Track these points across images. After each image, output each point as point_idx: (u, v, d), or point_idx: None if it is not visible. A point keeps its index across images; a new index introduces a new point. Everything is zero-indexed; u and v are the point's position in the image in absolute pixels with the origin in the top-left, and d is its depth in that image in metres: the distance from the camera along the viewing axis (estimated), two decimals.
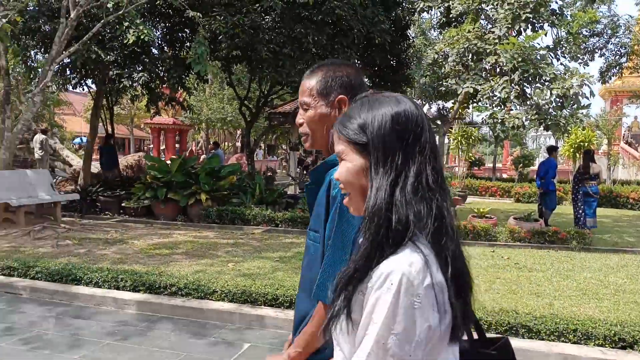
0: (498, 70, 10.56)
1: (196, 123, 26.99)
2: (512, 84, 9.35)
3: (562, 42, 11.02)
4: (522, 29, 9.84)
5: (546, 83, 9.32)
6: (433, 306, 0.93)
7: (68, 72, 12.66)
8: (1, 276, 5.64)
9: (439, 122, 14.35)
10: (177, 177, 10.44)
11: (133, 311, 4.93)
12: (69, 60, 10.81)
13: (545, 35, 10.39)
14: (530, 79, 9.54)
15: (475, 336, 1.22)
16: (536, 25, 9.96)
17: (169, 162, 12.25)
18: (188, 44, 12.83)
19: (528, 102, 9.53)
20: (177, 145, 25.57)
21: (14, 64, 14.69)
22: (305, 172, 18.38)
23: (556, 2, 10.59)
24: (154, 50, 12.77)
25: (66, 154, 17.45)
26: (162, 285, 5.09)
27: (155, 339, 4.28)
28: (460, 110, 13.49)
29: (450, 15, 11.71)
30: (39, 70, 13.36)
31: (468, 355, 1.13)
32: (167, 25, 12.60)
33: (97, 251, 7.20)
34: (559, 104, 9.38)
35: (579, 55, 13.92)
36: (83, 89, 14.46)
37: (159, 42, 12.88)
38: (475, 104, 10.94)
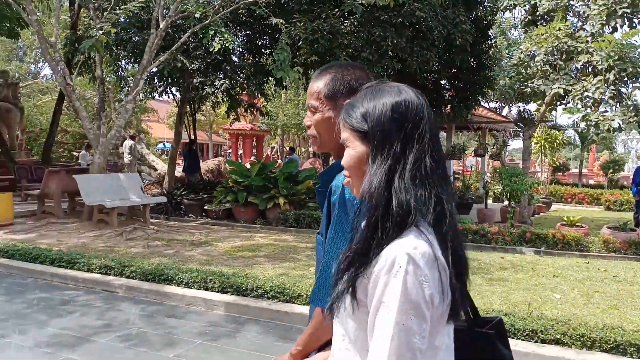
0: (590, 69, 9.97)
1: (272, 128, 27.57)
2: (607, 84, 8.76)
3: None
4: (618, 25, 9.20)
5: None
6: (437, 287, 0.98)
7: (155, 81, 13.29)
8: (98, 274, 5.97)
9: (521, 125, 13.73)
10: (257, 181, 10.66)
11: (221, 312, 5.04)
12: (155, 69, 11.35)
13: None
14: (627, 78, 8.91)
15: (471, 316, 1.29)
16: (634, 20, 9.27)
17: (247, 166, 12.56)
18: (267, 51, 13.13)
19: (624, 103, 8.90)
20: (254, 151, 26.23)
21: (106, 74, 15.67)
22: None
23: None
24: (234, 58, 13.17)
25: (152, 158, 18.36)
26: (248, 288, 5.17)
27: (243, 341, 4.35)
28: (545, 113, 12.84)
29: (537, 13, 11.20)
30: (129, 78, 14.18)
31: (465, 334, 1.21)
32: (247, 33, 12.94)
33: (184, 252, 7.48)
34: None
35: None
36: (168, 97, 15.18)
37: (240, 49, 13.25)
38: (564, 106, 10.34)
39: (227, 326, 4.70)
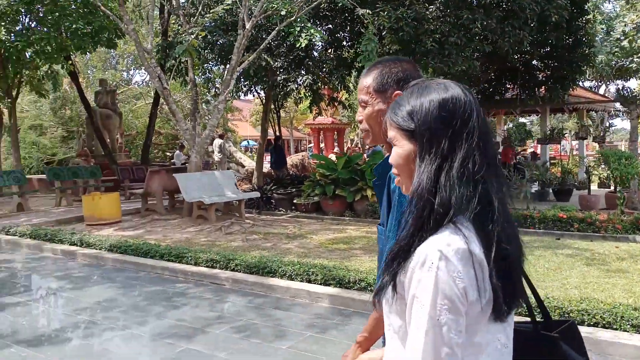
0: None
1: (352, 121, 27.52)
2: None
3: None
4: None
5: None
6: (472, 283, 0.97)
7: (241, 80, 13.67)
8: (205, 268, 6.23)
9: (624, 104, 12.71)
10: (343, 174, 10.68)
11: (326, 304, 5.08)
12: (241, 69, 11.69)
13: None
14: None
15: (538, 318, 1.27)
16: None
17: (332, 158, 12.62)
18: (348, 43, 13.07)
19: None
20: (335, 144, 26.35)
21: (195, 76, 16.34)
22: None
23: None
24: (315, 54, 13.25)
25: (239, 155, 18.98)
26: (351, 280, 5.17)
27: (352, 334, 4.34)
28: None
29: None
30: (216, 80, 14.69)
31: (530, 336, 1.21)
32: (329, 27, 12.95)
33: (281, 245, 7.64)
34: None
35: None
36: (253, 95, 15.58)
37: (322, 44, 13.31)
38: None
39: (333, 318, 4.73)
